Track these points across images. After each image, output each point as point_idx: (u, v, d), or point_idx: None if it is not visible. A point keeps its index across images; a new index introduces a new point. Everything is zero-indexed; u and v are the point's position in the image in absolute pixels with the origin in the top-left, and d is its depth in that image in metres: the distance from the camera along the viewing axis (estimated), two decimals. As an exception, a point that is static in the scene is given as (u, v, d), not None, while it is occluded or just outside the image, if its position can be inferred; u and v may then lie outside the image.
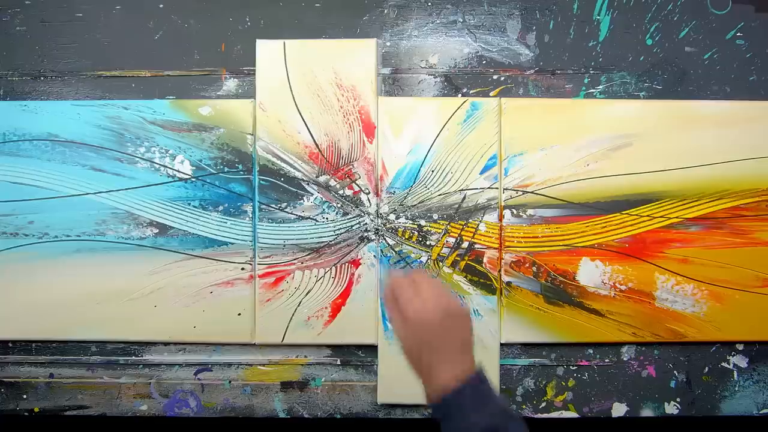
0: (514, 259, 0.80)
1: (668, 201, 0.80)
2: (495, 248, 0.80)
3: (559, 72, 0.82)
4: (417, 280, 0.56)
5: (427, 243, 0.80)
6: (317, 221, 0.80)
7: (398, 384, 0.79)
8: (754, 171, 0.80)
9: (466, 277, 0.79)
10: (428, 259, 0.80)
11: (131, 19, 0.83)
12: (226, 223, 0.80)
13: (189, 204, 0.80)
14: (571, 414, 0.80)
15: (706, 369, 0.81)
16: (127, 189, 0.81)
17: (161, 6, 0.83)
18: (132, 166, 0.81)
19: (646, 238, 0.80)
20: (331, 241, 0.80)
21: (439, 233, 0.80)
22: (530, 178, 0.80)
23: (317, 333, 0.80)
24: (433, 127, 0.80)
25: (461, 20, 0.83)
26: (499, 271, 0.80)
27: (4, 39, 0.83)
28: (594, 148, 0.80)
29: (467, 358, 0.54)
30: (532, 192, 0.80)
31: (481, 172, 0.80)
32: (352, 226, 0.80)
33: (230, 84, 0.83)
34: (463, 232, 0.80)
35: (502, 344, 0.80)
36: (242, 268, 0.80)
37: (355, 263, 0.80)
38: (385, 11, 0.83)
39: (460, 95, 0.82)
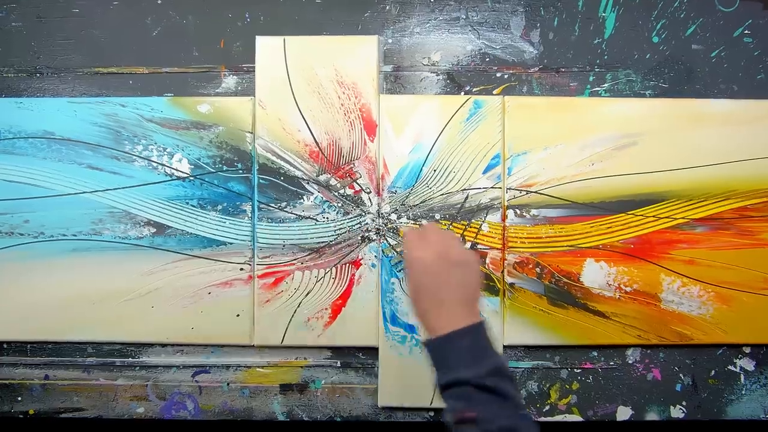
0: (517, 260, 0.78)
1: (674, 201, 0.78)
2: (498, 249, 0.78)
3: (563, 70, 0.81)
4: (425, 228, 0.59)
5: (429, 243, 0.78)
6: (317, 221, 0.79)
7: (399, 387, 0.78)
8: (762, 171, 0.78)
9: (468, 278, 0.78)
10: (430, 259, 0.78)
11: (129, 15, 0.82)
12: (224, 222, 0.79)
13: (187, 203, 0.79)
14: (576, 417, 0.79)
15: (713, 372, 0.80)
16: (124, 188, 0.79)
17: (159, 2, 0.81)
18: (129, 165, 0.79)
19: (652, 239, 0.78)
20: (331, 241, 0.79)
21: (442, 233, 0.78)
22: (534, 178, 0.78)
23: (317, 334, 0.78)
24: (435, 126, 0.79)
25: (464, 17, 0.81)
26: (502, 272, 0.78)
27: (-1, 35, 0.82)
28: (599, 147, 0.78)
29: (467, 309, 0.54)
30: (535, 192, 0.78)
31: (484, 172, 0.78)
32: (352, 225, 0.79)
33: (229, 81, 0.81)
34: (465, 233, 0.78)
35: (505, 346, 0.78)
36: (241, 269, 0.79)
37: (356, 264, 0.78)
38: (387, 7, 0.81)
39: (462, 93, 0.81)
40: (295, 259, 0.78)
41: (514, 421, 0.49)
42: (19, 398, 0.81)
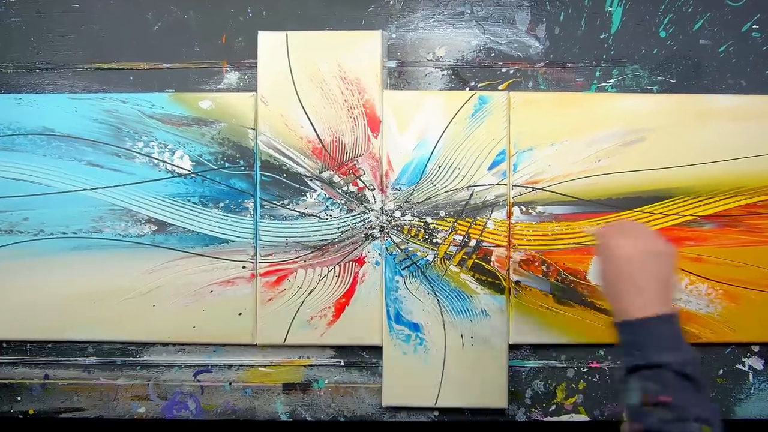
0: (523, 258, 0.77)
1: (681, 198, 0.78)
2: (503, 246, 0.77)
3: (569, 65, 0.80)
4: (623, 222, 0.63)
5: (434, 241, 0.78)
6: (320, 218, 0.78)
7: (403, 386, 0.77)
8: (771, 167, 0.78)
9: (473, 275, 0.77)
10: (435, 257, 0.77)
11: (129, 10, 0.81)
12: (226, 220, 0.78)
13: (189, 200, 0.78)
14: (582, 417, 0.78)
15: (721, 371, 0.79)
16: (124, 185, 0.79)
17: (160, -4, 0.81)
18: (130, 162, 0.79)
19: (659, 236, 0.77)
20: (334, 239, 0.78)
21: (446, 231, 0.78)
22: (540, 174, 0.77)
23: (320, 333, 0.77)
24: (439, 122, 0.78)
25: (469, 11, 0.80)
26: (508, 269, 0.77)
27: (-2, 30, 0.81)
28: (605, 143, 0.77)
29: (663, 298, 0.55)
30: (541, 188, 0.78)
31: (490, 168, 0.78)
32: (356, 223, 0.78)
33: (231, 77, 0.80)
34: (470, 230, 0.78)
35: (510, 345, 0.77)
36: (243, 267, 0.78)
37: (360, 261, 0.78)
38: (391, 2, 0.81)
39: (467, 89, 0.80)
40: (297, 257, 0.78)
41: (709, 414, 0.50)
42: (19, 398, 0.80)
